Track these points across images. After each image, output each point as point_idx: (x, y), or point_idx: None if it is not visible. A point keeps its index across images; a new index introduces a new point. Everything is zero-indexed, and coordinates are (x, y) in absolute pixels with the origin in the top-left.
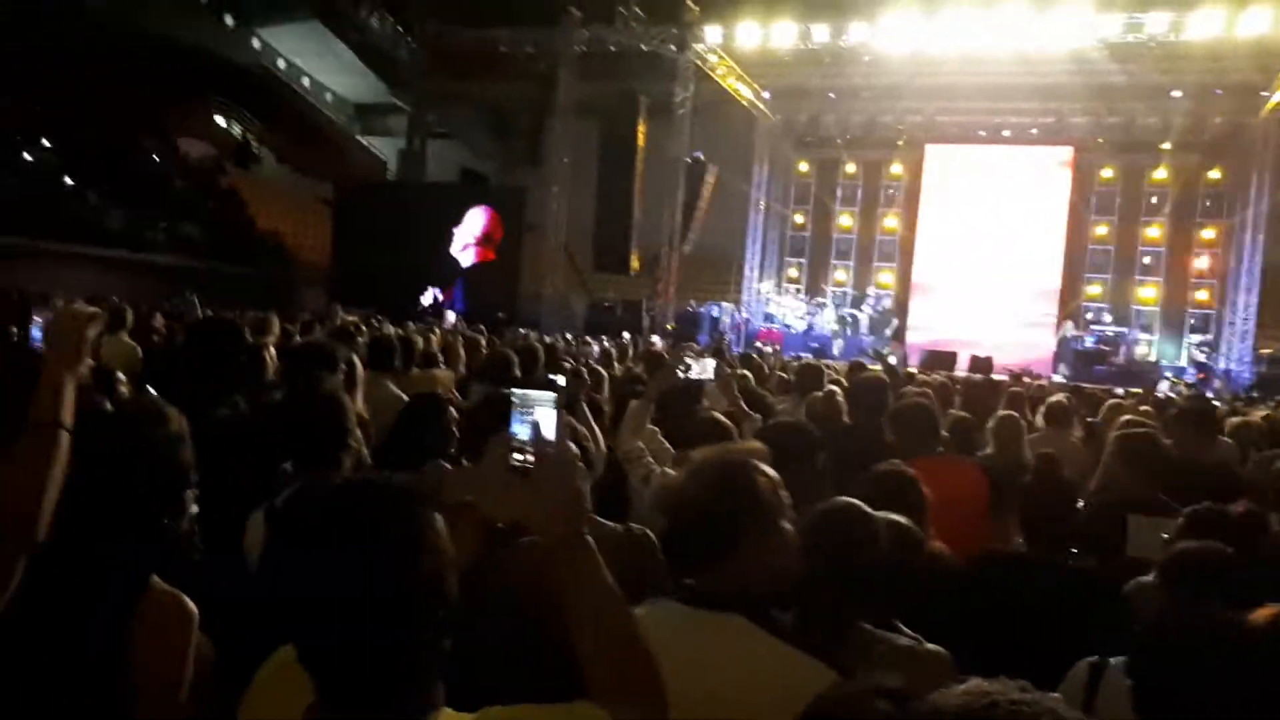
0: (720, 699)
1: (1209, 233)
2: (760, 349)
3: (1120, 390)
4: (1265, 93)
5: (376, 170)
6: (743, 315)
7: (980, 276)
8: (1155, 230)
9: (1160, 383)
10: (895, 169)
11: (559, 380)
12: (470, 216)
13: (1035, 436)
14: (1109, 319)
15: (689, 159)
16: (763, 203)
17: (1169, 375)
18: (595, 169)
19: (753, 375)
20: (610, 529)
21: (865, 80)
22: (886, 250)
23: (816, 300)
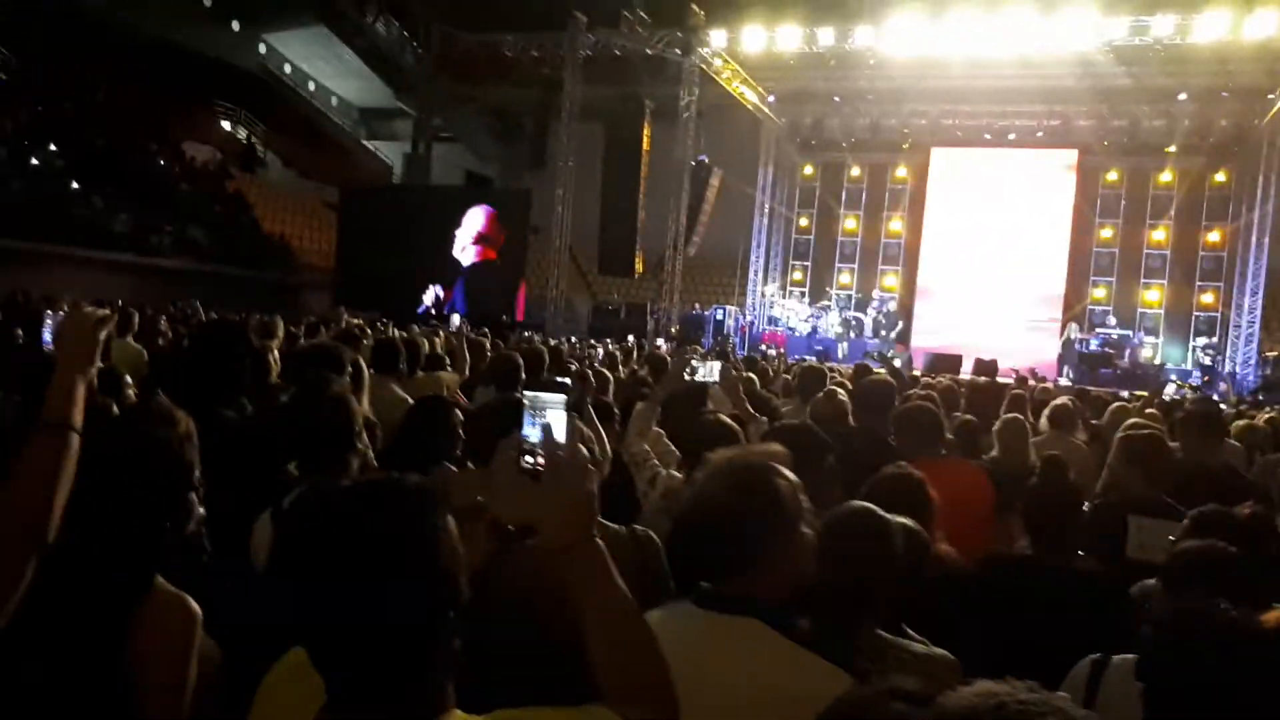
0: (737, 703)
1: (1214, 236)
2: (764, 352)
3: (1125, 393)
4: (1271, 95)
5: (382, 174)
6: (747, 318)
7: (985, 280)
8: (1160, 233)
9: (1166, 385)
10: (900, 172)
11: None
12: (469, 216)
13: (1040, 439)
14: (1114, 322)
15: (694, 162)
16: (767, 206)
17: (1174, 378)
18: (600, 172)
19: (757, 378)
20: (614, 530)
21: (870, 84)
22: (891, 254)
23: (821, 304)
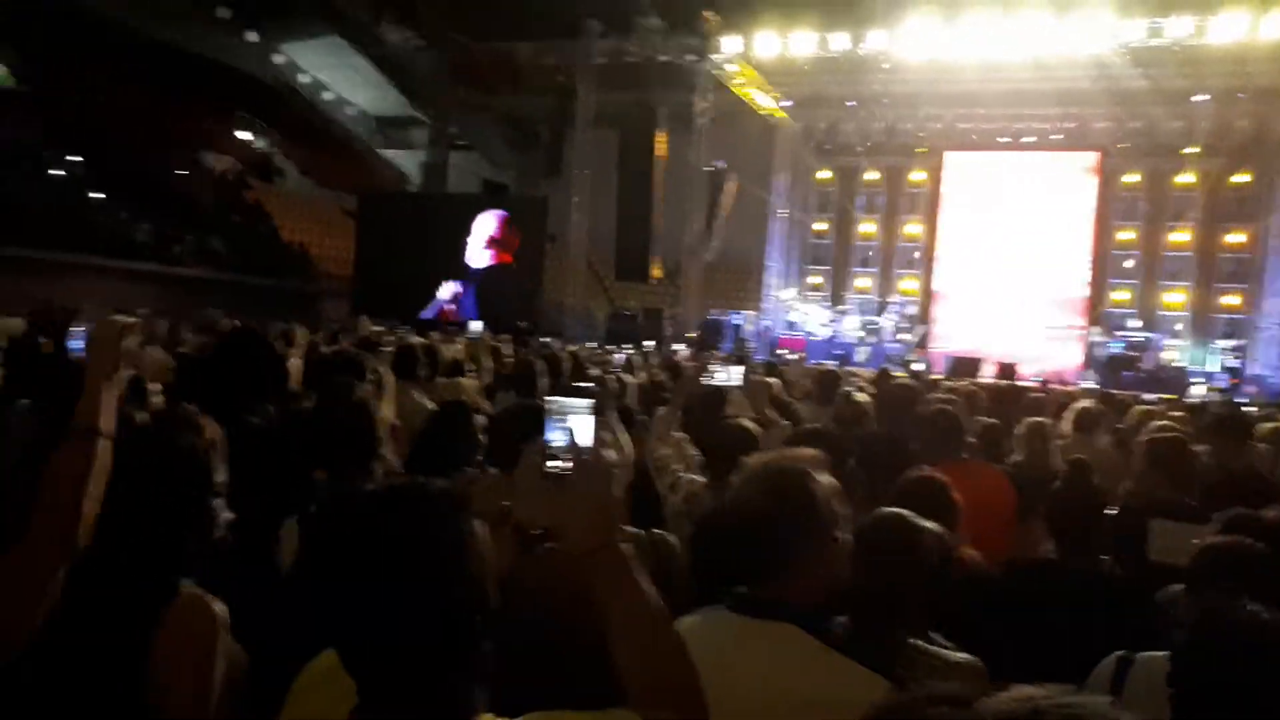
0: (773, 708)
1: (1237, 236)
2: (783, 357)
3: (1149, 396)
4: None
5: (398, 182)
6: (765, 323)
7: (1004, 283)
8: (1182, 235)
9: (1193, 387)
10: (917, 175)
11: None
12: (479, 221)
13: (1064, 443)
14: (1136, 325)
15: (709, 168)
16: (783, 210)
17: (1199, 380)
18: (615, 179)
19: (778, 383)
20: (631, 534)
21: (885, 87)
22: (909, 258)
23: (839, 308)
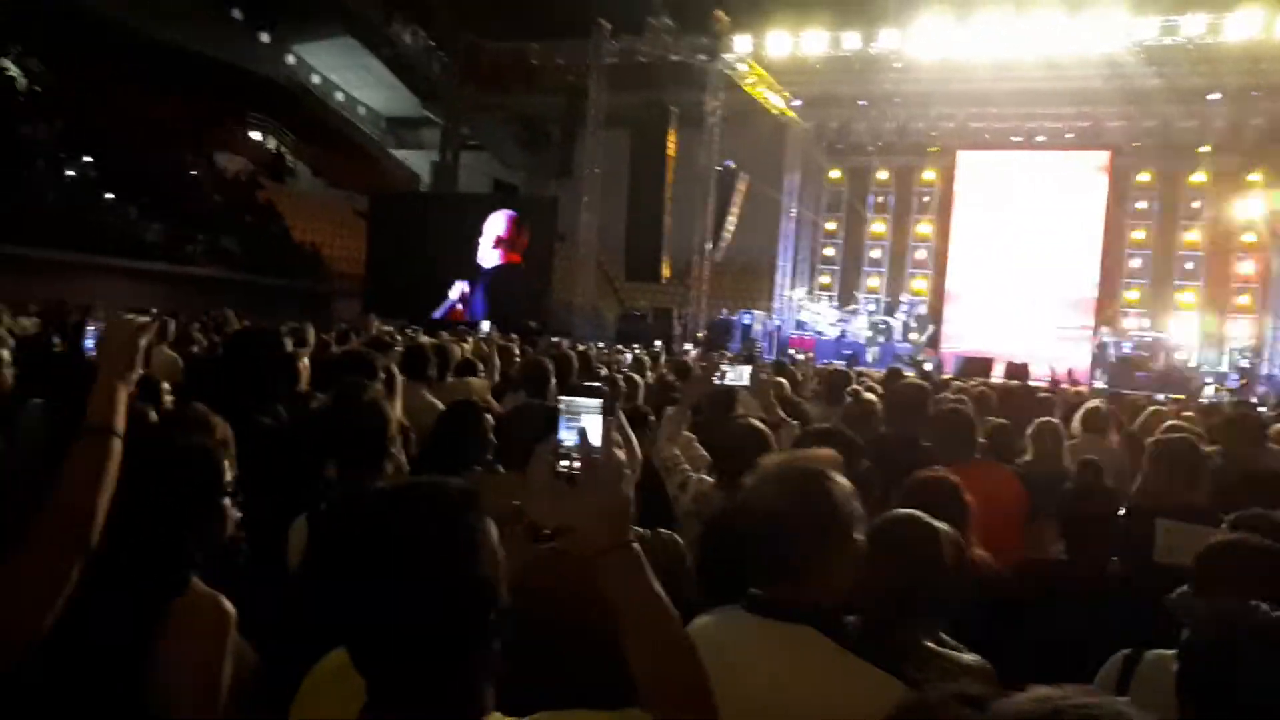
0: (790, 709)
1: (1250, 236)
2: (793, 356)
3: (1161, 396)
4: None
5: (410, 182)
6: (775, 323)
7: (1015, 283)
8: (1195, 235)
9: (1204, 388)
10: (928, 175)
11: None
12: (490, 221)
13: (1074, 443)
14: (1148, 325)
15: (720, 167)
16: (794, 210)
17: (1211, 380)
18: (626, 179)
19: (786, 382)
20: (638, 533)
21: (896, 87)
22: (920, 257)
23: (849, 308)
